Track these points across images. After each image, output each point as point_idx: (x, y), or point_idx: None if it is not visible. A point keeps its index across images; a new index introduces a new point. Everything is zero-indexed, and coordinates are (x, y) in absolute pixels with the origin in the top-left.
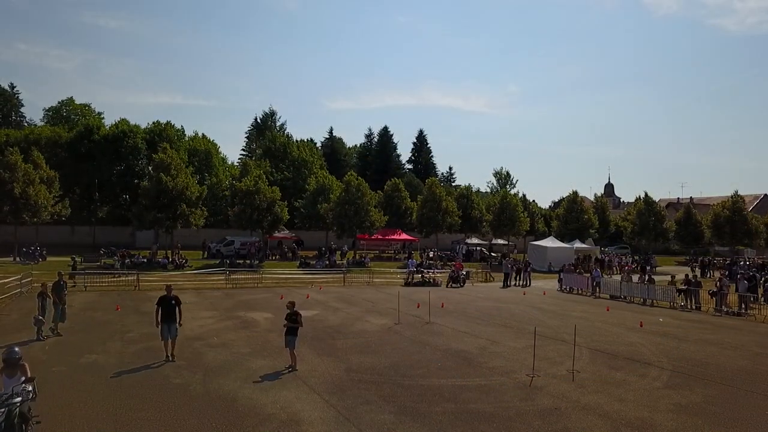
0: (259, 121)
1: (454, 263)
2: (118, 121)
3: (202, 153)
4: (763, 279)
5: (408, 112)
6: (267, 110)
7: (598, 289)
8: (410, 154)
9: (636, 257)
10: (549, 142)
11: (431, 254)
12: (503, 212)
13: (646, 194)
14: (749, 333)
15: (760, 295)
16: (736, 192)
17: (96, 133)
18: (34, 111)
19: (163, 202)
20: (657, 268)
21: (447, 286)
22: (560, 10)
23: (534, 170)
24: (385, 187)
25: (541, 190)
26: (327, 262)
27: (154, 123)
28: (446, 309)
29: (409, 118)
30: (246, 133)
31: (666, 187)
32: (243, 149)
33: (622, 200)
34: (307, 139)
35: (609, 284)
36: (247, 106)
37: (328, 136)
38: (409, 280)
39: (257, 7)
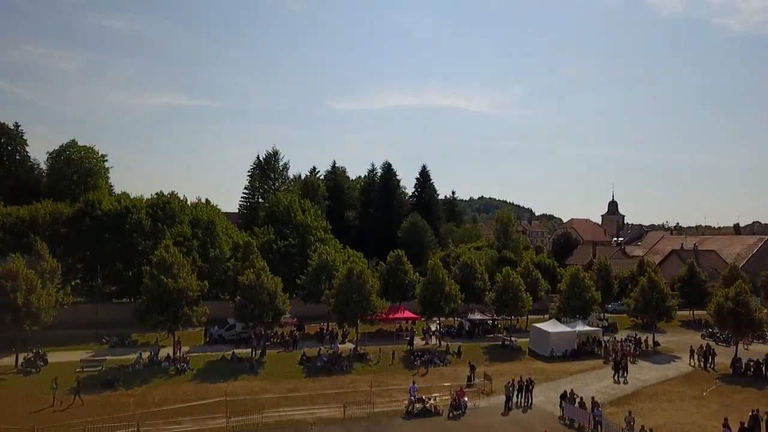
0: (261, 160)
1: (456, 392)
2: (121, 195)
3: (205, 222)
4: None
5: (411, 112)
6: (270, 150)
7: (599, 428)
8: (413, 189)
9: (636, 333)
10: (551, 141)
11: (433, 328)
12: (506, 292)
13: (651, 273)
14: None
15: None
16: (741, 282)
17: (98, 209)
18: (37, 111)
19: (164, 302)
20: (663, 337)
21: (448, 416)
22: (564, 11)
23: (537, 171)
24: (388, 258)
25: (544, 194)
26: (330, 351)
27: (157, 194)
28: None
29: (412, 120)
30: (248, 172)
31: (669, 188)
32: (246, 188)
33: (626, 220)
34: (310, 170)
35: (610, 426)
36: (251, 107)
37: (330, 169)
38: (410, 409)
39: (261, 8)
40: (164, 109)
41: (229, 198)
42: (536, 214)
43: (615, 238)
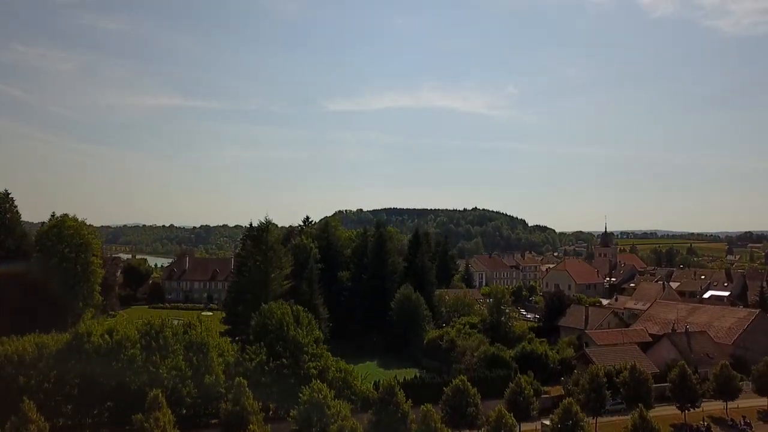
0: (252, 226)
1: None
2: (114, 325)
3: (197, 345)
4: None
5: (407, 113)
6: (263, 220)
7: None
8: (407, 251)
9: None
10: (545, 142)
11: None
12: (499, 426)
13: (642, 410)
14: None
15: None
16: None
17: (87, 342)
18: (32, 111)
19: None
20: None
21: None
22: (558, 13)
23: (530, 174)
24: (381, 387)
25: (538, 203)
26: None
27: (147, 321)
28: None
29: (409, 120)
30: (240, 240)
31: (662, 190)
32: (239, 255)
33: (619, 227)
34: (304, 218)
35: None
36: (246, 107)
37: (323, 226)
38: None
39: (256, 9)
40: (159, 110)
41: (227, 197)
42: (529, 224)
43: (607, 279)
